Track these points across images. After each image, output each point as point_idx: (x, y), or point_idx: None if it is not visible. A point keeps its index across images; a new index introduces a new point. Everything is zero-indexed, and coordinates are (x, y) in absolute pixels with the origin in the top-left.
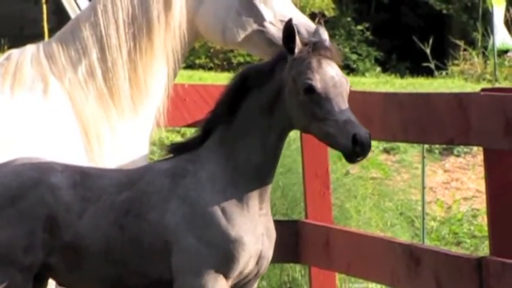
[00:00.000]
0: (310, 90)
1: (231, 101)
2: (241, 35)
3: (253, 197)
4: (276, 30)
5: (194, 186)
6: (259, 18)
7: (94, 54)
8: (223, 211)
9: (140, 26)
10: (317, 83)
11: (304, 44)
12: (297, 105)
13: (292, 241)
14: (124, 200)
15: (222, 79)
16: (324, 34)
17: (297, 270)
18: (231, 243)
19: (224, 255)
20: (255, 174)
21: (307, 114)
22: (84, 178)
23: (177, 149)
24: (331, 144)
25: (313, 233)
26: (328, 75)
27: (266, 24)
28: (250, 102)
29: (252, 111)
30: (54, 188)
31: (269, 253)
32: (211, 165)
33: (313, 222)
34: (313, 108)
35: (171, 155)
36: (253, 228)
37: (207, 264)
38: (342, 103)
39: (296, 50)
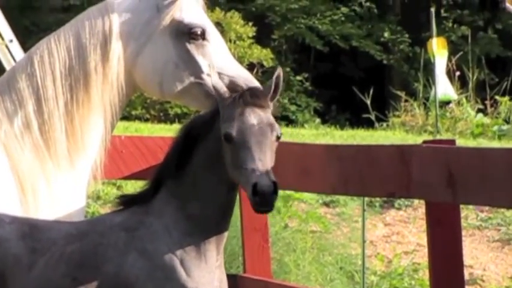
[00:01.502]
0: (227, 138)
1: (179, 155)
2: (179, 87)
3: (211, 248)
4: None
5: (150, 238)
6: (197, 70)
7: (30, 106)
8: (182, 263)
9: (77, 77)
10: (233, 131)
11: (234, 93)
12: (225, 153)
13: None
14: (75, 251)
15: (159, 130)
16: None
17: None
18: None
19: None
20: (209, 224)
21: (228, 162)
22: (32, 230)
23: (128, 201)
24: (245, 191)
25: (252, 287)
26: (248, 123)
27: (204, 76)
28: (199, 154)
29: (201, 163)
30: (2, 240)
31: None
32: (165, 216)
33: (251, 276)
34: (232, 156)
35: (120, 208)
36: (210, 281)
37: None
38: (259, 152)
39: (224, 99)
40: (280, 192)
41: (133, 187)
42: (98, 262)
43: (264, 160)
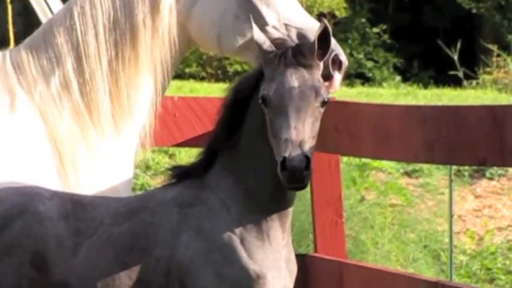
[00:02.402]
0: (264, 101)
1: (229, 121)
2: (240, 42)
3: (274, 226)
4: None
5: (207, 216)
6: (260, 22)
7: (69, 64)
8: (243, 243)
9: (123, 31)
10: (270, 94)
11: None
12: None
13: (299, 278)
14: (125, 233)
15: (216, 90)
16: (312, 36)
17: None
18: (255, 281)
19: None
20: (269, 199)
21: (268, 129)
22: (76, 207)
23: (180, 175)
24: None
25: (324, 269)
26: (288, 85)
27: (268, 29)
28: (250, 119)
29: (253, 129)
30: (43, 218)
31: None
32: (222, 192)
33: (323, 256)
34: (269, 122)
35: (172, 181)
36: (276, 262)
37: None
38: (296, 119)
39: (268, 56)
40: (356, 161)
41: (188, 155)
42: (149, 244)
43: (300, 129)
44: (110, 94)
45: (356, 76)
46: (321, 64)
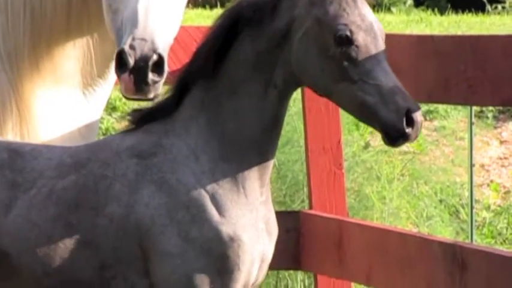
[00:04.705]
0: (348, 41)
1: (217, 49)
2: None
3: (252, 177)
4: None
5: (171, 166)
6: None
7: None
8: (213, 198)
9: None
10: (357, 32)
11: None
12: (319, 57)
13: (292, 240)
14: (70, 187)
15: (195, 18)
16: None
17: (298, 280)
18: (228, 245)
19: (220, 259)
20: (250, 146)
21: (334, 72)
22: (13, 157)
23: (141, 118)
24: (367, 117)
25: (321, 229)
26: (367, 20)
27: None
28: (242, 51)
29: (244, 62)
30: None
31: (270, 255)
32: (190, 136)
33: (320, 213)
34: (346, 64)
35: (133, 127)
36: (253, 221)
37: (199, 272)
38: (385, 62)
39: None
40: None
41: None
42: (100, 201)
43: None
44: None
45: None
46: None
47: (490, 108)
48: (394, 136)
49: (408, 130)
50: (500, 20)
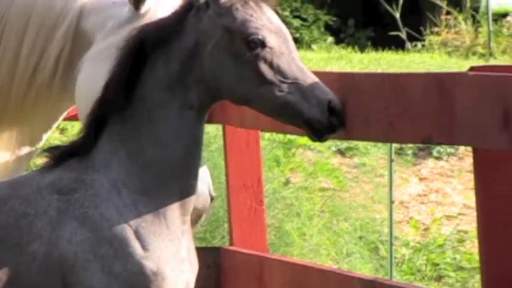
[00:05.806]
0: (261, 43)
1: (125, 79)
2: None
3: (173, 207)
4: None
5: (93, 201)
6: None
7: None
8: (137, 232)
9: None
10: (268, 34)
11: None
12: (234, 66)
13: (213, 276)
14: None
15: None
16: None
17: None
18: (151, 279)
19: None
20: (172, 173)
21: (252, 78)
22: None
23: (61, 155)
24: (291, 115)
25: (242, 265)
26: (276, 23)
27: None
28: (155, 74)
29: (158, 85)
30: None
31: (192, 284)
32: (111, 171)
33: (241, 249)
34: (262, 67)
35: (52, 163)
36: (175, 251)
37: None
38: (298, 61)
39: None
40: (280, 137)
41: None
42: (22, 239)
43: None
44: None
45: None
46: None
47: (410, 145)
48: (321, 130)
49: (333, 120)
50: (420, 57)
